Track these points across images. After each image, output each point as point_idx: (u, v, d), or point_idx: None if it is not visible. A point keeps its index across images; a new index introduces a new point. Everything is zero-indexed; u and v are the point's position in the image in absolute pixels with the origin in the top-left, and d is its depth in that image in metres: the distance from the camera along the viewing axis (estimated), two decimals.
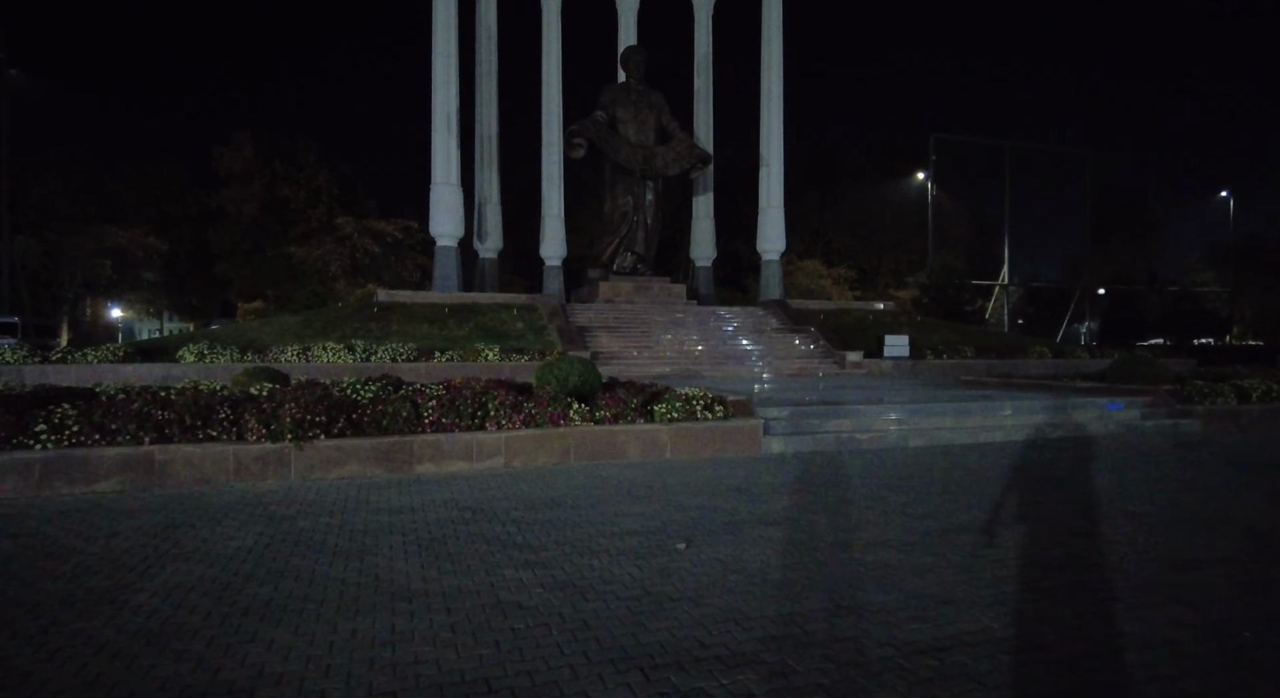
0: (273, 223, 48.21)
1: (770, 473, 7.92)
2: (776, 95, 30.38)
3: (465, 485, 7.23)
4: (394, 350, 16.68)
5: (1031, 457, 9.04)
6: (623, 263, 26.54)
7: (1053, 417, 11.19)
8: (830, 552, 4.91)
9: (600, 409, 8.88)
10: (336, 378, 10.90)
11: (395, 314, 20.15)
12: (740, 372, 19.64)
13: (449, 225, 25.76)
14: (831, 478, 7.62)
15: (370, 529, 5.53)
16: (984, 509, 6.18)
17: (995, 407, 11.21)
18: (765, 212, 30.75)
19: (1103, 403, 11.77)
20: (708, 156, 27.55)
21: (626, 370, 18.47)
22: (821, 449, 9.50)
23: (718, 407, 9.37)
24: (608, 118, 26.04)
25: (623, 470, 8.06)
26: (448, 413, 8.16)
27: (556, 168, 30.59)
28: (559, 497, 6.70)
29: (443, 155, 25.72)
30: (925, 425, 10.49)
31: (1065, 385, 14.05)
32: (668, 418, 9.03)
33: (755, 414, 9.73)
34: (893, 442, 9.89)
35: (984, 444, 10.08)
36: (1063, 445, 9.96)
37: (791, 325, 23.56)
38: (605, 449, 8.61)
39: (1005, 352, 23.35)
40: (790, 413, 10.19)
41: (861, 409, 10.57)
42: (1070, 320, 52.57)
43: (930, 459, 8.85)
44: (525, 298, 23.67)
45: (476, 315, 20.83)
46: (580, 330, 20.39)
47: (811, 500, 6.53)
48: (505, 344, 18.53)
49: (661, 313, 23.40)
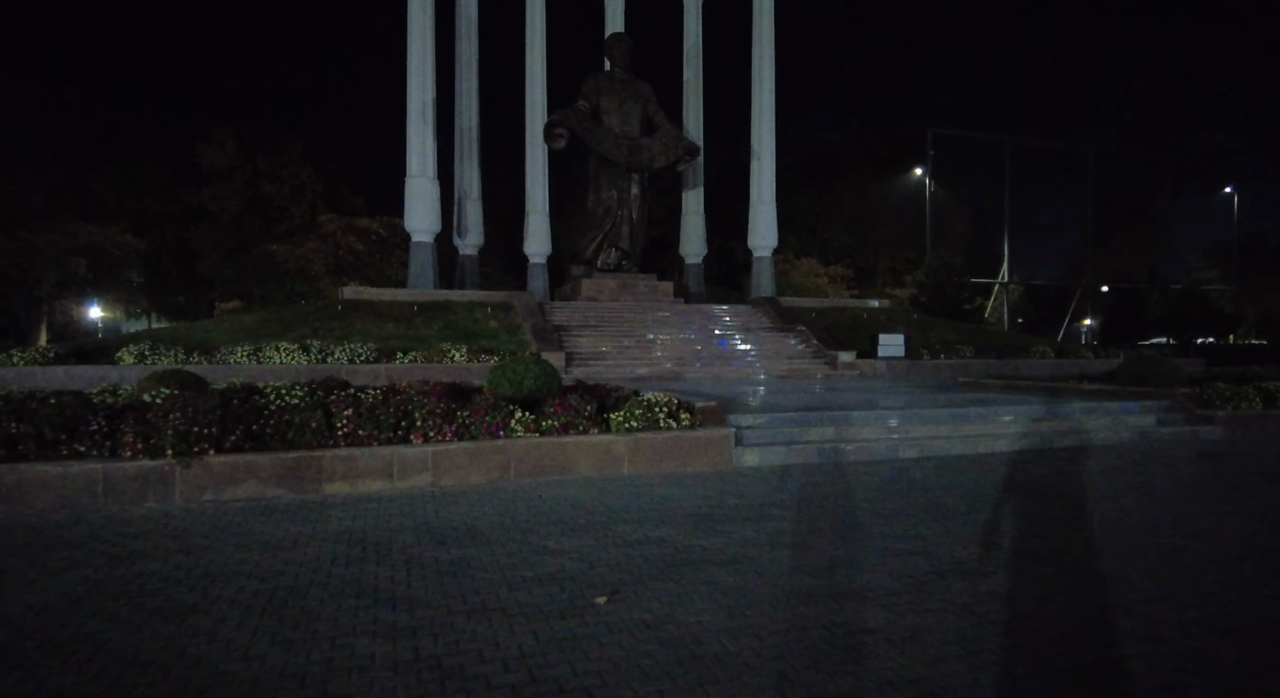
0: (256, 221, 47.08)
1: (737, 492, 6.85)
2: (768, 86, 29.30)
3: (375, 511, 6.16)
4: (352, 351, 15.60)
5: (1038, 472, 7.97)
6: (607, 259, 25.45)
7: (1060, 423, 10.13)
8: (791, 607, 3.84)
9: (548, 418, 7.81)
10: (281, 381, 9.83)
11: (360, 313, 19.07)
12: (725, 373, 18.58)
13: (424, 220, 24.68)
14: (808, 499, 6.55)
15: (224, 572, 4.46)
16: (984, 542, 5.11)
17: (996, 412, 10.14)
18: (756, 206, 29.68)
19: (1114, 408, 10.70)
20: (696, 148, 26.47)
21: (604, 372, 17.40)
22: (801, 461, 8.44)
23: (683, 414, 8.30)
24: (591, 107, 24.96)
25: (568, 490, 6.99)
26: (366, 424, 7.09)
27: (541, 162, 29.47)
28: (480, 526, 5.63)
29: (418, 147, 24.64)
30: (919, 434, 9.43)
31: (1071, 388, 12.99)
32: (625, 427, 7.96)
33: (726, 422, 8.66)
34: (882, 453, 8.81)
35: (984, 456, 9.01)
36: (1072, 456, 8.89)
37: (782, 324, 22.49)
38: (552, 464, 7.53)
39: (1006, 351, 22.29)
40: (768, 420, 9.12)
41: (848, 416, 9.50)
42: (1071, 319, 51.53)
43: (923, 474, 7.78)
44: (502, 296, 22.59)
45: (447, 314, 19.75)
46: (557, 330, 19.31)
47: (779, 530, 5.46)
48: (475, 344, 17.45)
49: (645, 311, 22.33)
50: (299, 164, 46.65)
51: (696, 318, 22.46)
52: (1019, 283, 52.67)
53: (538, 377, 9.52)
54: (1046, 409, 10.45)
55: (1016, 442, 9.48)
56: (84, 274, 38.36)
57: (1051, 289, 55.33)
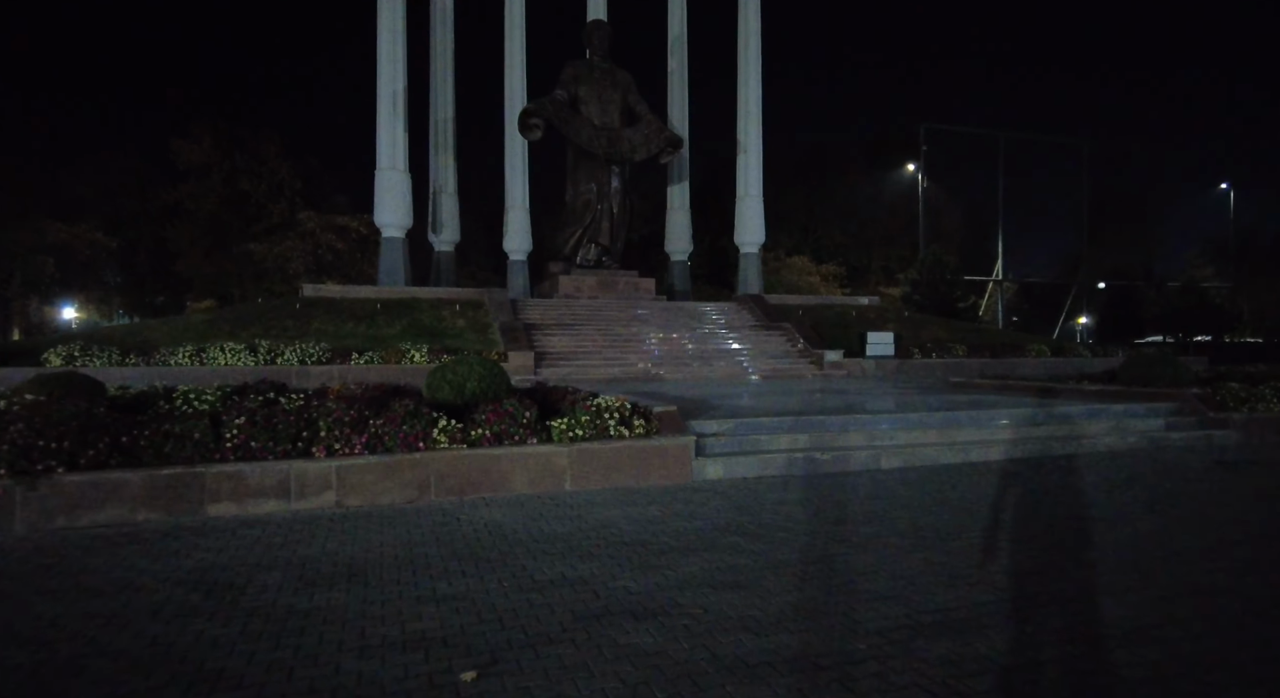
0: (234, 219, 45.94)
1: (691, 513, 5.89)
2: (754, 77, 28.37)
3: (253, 540, 5.17)
4: (304, 351, 14.59)
5: (1037, 484, 7.03)
6: (586, 255, 24.45)
7: (1059, 428, 9.20)
8: (718, 687, 2.87)
9: (479, 426, 6.84)
10: (213, 384, 8.84)
11: (320, 311, 18.05)
12: (705, 373, 17.62)
13: (395, 214, 23.66)
14: (771, 521, 5.59)
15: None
16: (975, 581, 4.16)
17: (990, 416, 9.20)
18: (743, 201, 28.74)
19: (1118, 410, 9.78)
20: (678, 140, 25.50)
21: (575, 374, 16.43)
22: (770, 473, 7.48)
23: (638, 421, 7.33)
24: (568, 97, 23.96)
25: (494, 511, 6.01)
26: (260, 434, 6.10)
27: (521, 155, 28.52)
28: (367, 561, 4.66)
29: (388, 138, 23.62)
30: (904, 441, 8.48)
31: (1071, 389, 12.08)
32: (569, 437, 6.99)
33: (687, 429, 7.70)
34: (861, 463, 7.86)
35: (976, 465, 8.07)
36: (1075, 466, 7.95)
37: (767, 322, 21.54)
38: (481, 480, 6.56)
39: (1000, 350, 21.40)
40: (736, 427, 8.16)
41: (826, 421, 8.55)
42: (1066, 317, 50.75)
43: (906, 489, 6.83)
44: (473, 293, 21.58)
45: (413, 312, 18.74)
46: (528, 328, 18.32)
47: (728, 565, 4.50)
48: (439, 344, 16.46)
49: (624, 309, 21.36)
50: (278, 161, 45.53)
51: (678, 316, 21.50)
52: (1013, 281, 51.88)
53: (482, 378, 8.59)
54: (1045, 412, 9.52)
55: (1012, 449, 8.54)
56: (52, 273, 37.16)
57: (1046, 287, 54.55)
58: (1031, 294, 55.51)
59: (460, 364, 8.78)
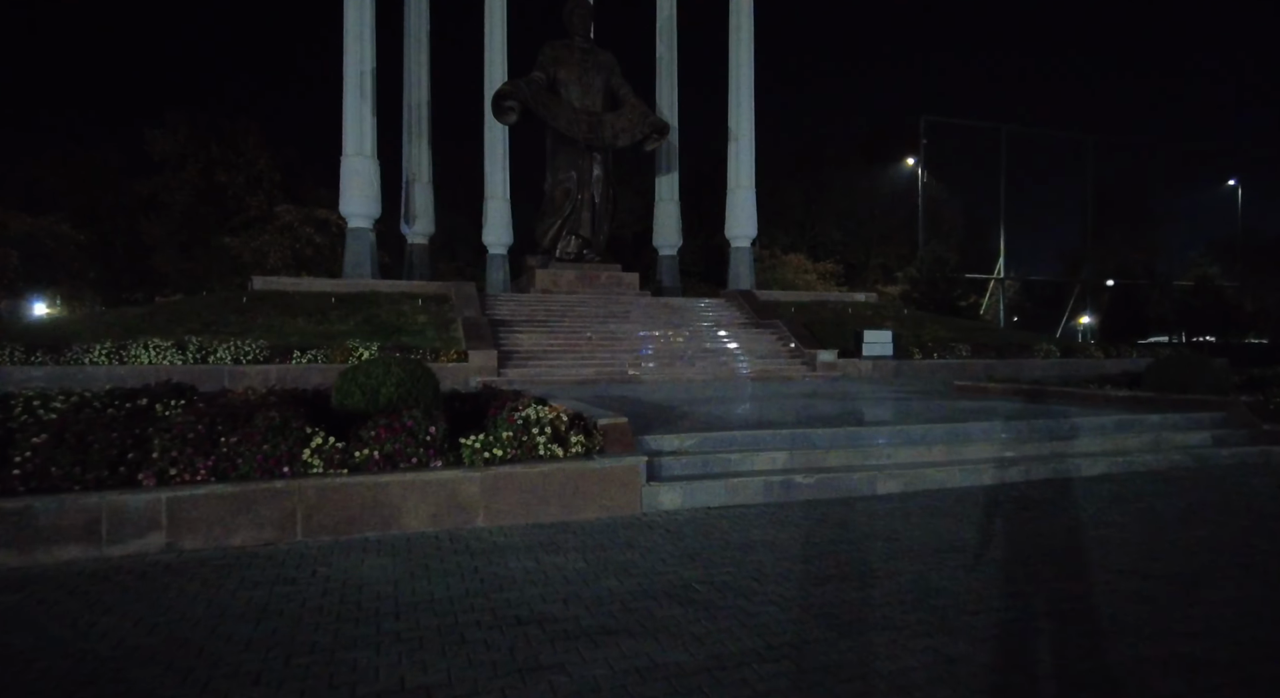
0: (211, 212, 44.43)
1: (626, 565, 4.47)
2: (746, 61, 26.93)
3: (6, 608, 3.75)
4: (239, 349, 13.15)
5: (1069, 519, 5.62)
6: (566, 248, 23.01)
7: (1088, 442, 7.80)
8: None
9: (366, 446, 5.41)
10: (130, 386, 7.39)
11: (269, 305, 16.60)
12: (686, 374, 16.20)
13: (361, 204, 22.19)
14: (728, 581, 4.18)
15: None
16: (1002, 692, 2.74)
17: (1003, 429, 7.80)
18: (734, 193, 27.30)
19: (1155, 421, 8.39)
20: (664, 126, 24.04)
21: (543, 374, 15.01)
22: (740, 502, 6.07)
23: (575, 436, 5.91)
24: (547, 79, 22.51)
25: (368, 562, 4.59)
26: (63, 457, 4.67)
27: (501, 142, 27.06)
28: (134, 647, 3.23)
29: (355, 123, 22.14)
30: (904, 459, 7.07)
31: (1092, 394, 10.68)
32: (483, 458, 5.56)
33: (638, 446, 6.28)
34: (853, 487, 6.45)
35: (991, 490, 6.66)
36: (1111, 493, 6.55)
37: (757, 320, 20.12)
38: (364, 515, 5.14)
39: (1006, 350, 19.99)
40: (703, 442, 6.74)
41: (811, 435, 7.14)
42: (1069, 316, 49.38)
43: (908, 526, 5.41)
44: (439, 287, 20.12)
45: (372, 307, 17.30)
46: (496, 325, 16.89)
47: (650, 667, 3.08)
48: (394, 341, 15.04)
49: (603, 305, 19.93)
50: (256, 152, 43.99)
51: (661, 313, 20.07)
52: (1015, 278, 50.50)
53: (401, 382, 7.16)
54: (1067, 424, 8.11)
55: (1033, 469, 7.13)
56: (15, 266, 35.63)
57: (1048, 285, 53.18)
58: (1033, 292, 54.14)
59: (375, 365, 7.36)
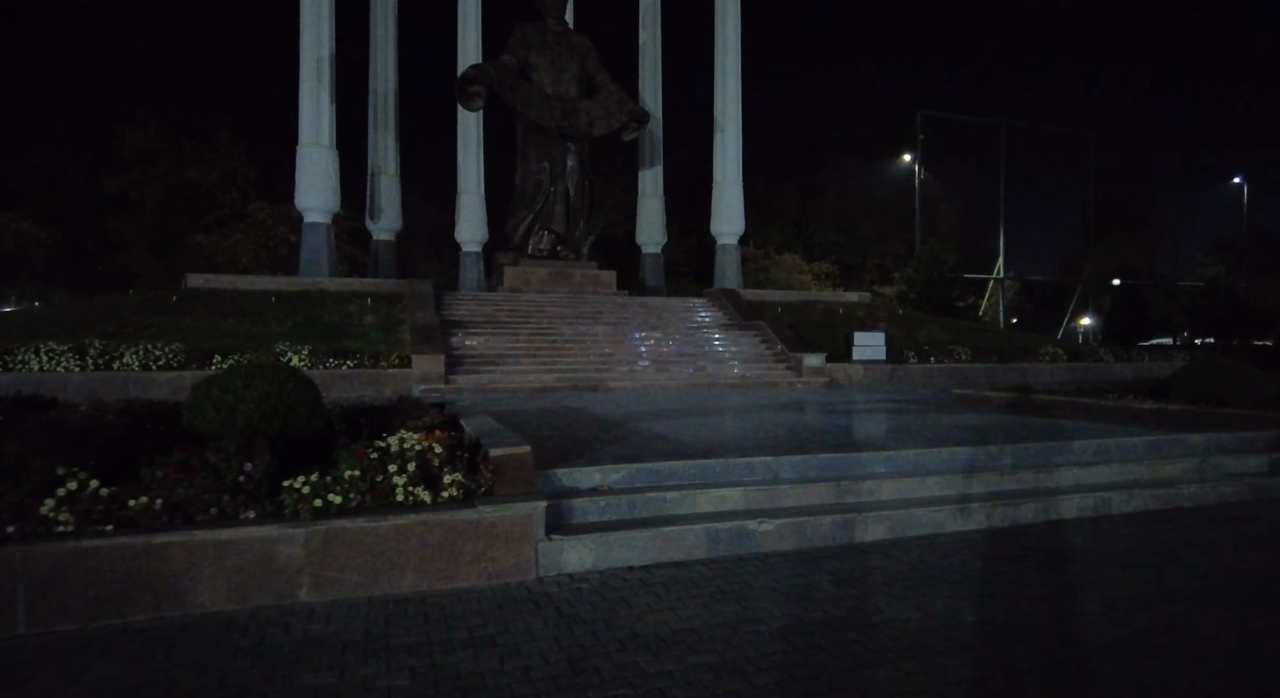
0: (184, 210, 42.97)
1: (468, 680, 2.99)
2: (733, 47, 25.50)
3: None
4: (149, 354, 11.67)
5: (1110, 585, 4.15)
6: (539, 244, 21.53)
7: (1117, 469, 6.35)
8: None
9: (148, 491, 3.94)
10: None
11: (200, 305, 15.12)
12: (658, 381, 14.73)
13: (318, 197, 20.72)
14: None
15: None
16: None
17: (1013, 453, 6.35)
18: (720, 187, 25.85)
19: (1196, 442, 6.94)
20: (644, 114, 22.58)
21: (498, 381, 13.55)
22: (672, 558, 4.62)
23: (450, 475, 4.44)
24: (517, 63, 21.05)
25: (90, 671, 3.11)
26: None
27: (475, 133, 25.59)
28: None
29: (312, 110, 20.68)
30: (891, 494, 5.61)
31: (1112, 406, 9.23)
32: (313, 506, 4.08)
33: (545, 485, 4.83)
34: (825, 535, 4.99)
35: (999, 536, 5.21)
36: (1157, 541, 5.09)
37: (740, 321, 18.66)
38: (132, 591, 3.66)
39: (1009, 353, 18.54)
40: (630, 476, 5.28)
41: (775, 464, 5.68)
42: (1070, 317, 47.99)
43: (890, 599, 3.94)
44: (394, 285, 18.64)
45: (315, 307, 15.83)
46: (451, 327, 15.42)
47: None
48: (332, 344, 13.57)
49: (574, 305, 18.46)
50: (229, 148, 42.55)
51: (636, 314, 18.60)
52: (1015, 279, 49.13)
53: (265, 397, 5.78)
54: (1093, 446, 6.66)
55: (1052, 505, 5.68)
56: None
57: (1049, 286, 51.80)
58: (1033, 293, 52.79)
59: (234, 376, 5.91)
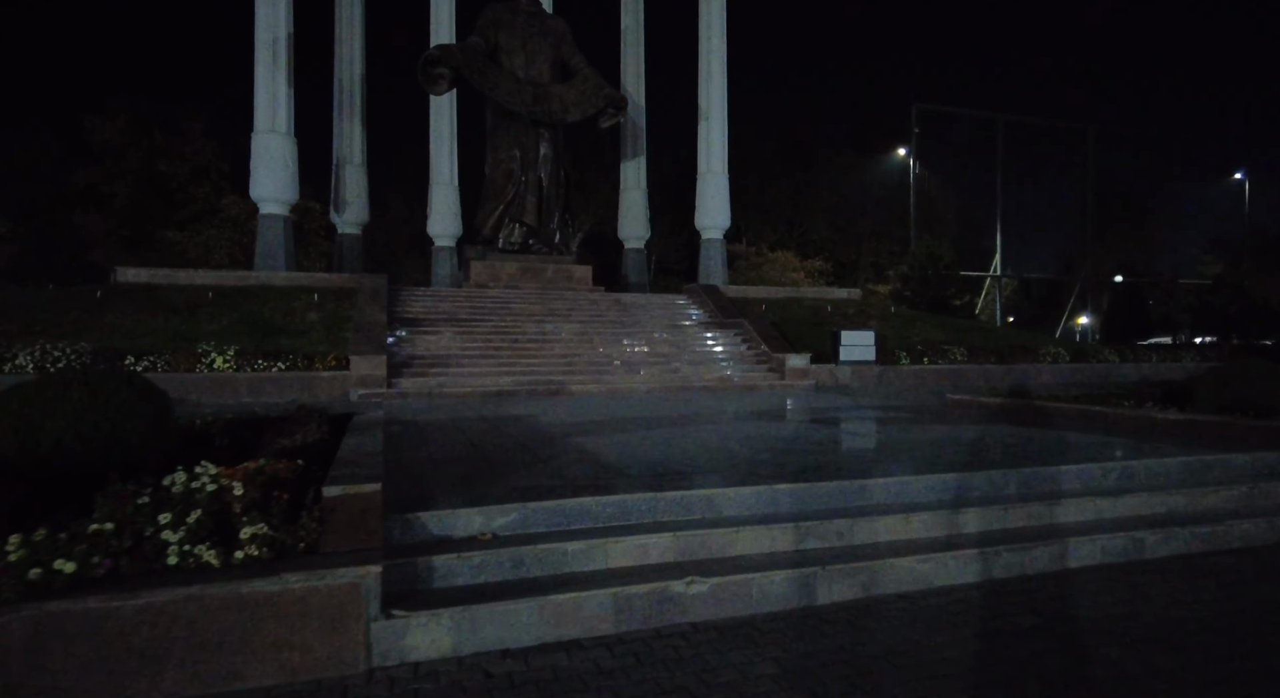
0: (157, 205, 41.62)
1: None
2: (718, 31, 24.28)
3: None
4: (47, 355, 10.41)
5: (1168, 676, 2.93)
6: (509, 237, 20.27)
7: (1147, 498, 5.16)
8: None
9: None
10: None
11: (128, 301, 13.87)
12: (627, 384, 13.52)
13: (274, 187, 19.47)
14: None
15: None
16: None
17: (1017, 479, 5.16)
18: (705, 178, 24.63)
19: (1243, 463, 5.76)
20: (621, 99, 21.35)
21: (448, 384, 12.34)
22: (566, 636, 3.41)
23: (250, 527, 3.21)
24: (486, 45, 19.80)
25: None
26: None
27: (448, 121, 24.35)
28: None
29: (267, 94, 19.41)
30: (863, 537, 4.41)
31: (1127, 414, 8.07)
32: (26, 579, 2.85)
33: (399, 534, 3.64)
34: (775, 597, 3.80)
35: (1006, 592, 4.02)
36: (1207, 593, 3.90)
37: (720, 319, 17.45)
38: None
39: (1008, 354, 17.35)
40: (521, 520, 4.06)
41: (719, 499, 4.47)
42: (1069, 315, 46.91)
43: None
44: (345, 280, 17.38)
45: (256, 303, 14.58)
46: (401, 325, 14.20)
47: None
48: (268, 344, 12.34)
49: (542, 302, 17.24)
50: (202, 140, 41.18)
51: (609, 311, 17.38)
52: (1012, 276, 48.03)
53: (81, 413, 4.92)
54: (1116, 470, 5.47)
55: (1069, 548, 4.49)
56: None
57: (1047, 284, 50.72)
58: (1030, 291, 51.70)
59: (43, 386, 4.80)
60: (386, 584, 3.41)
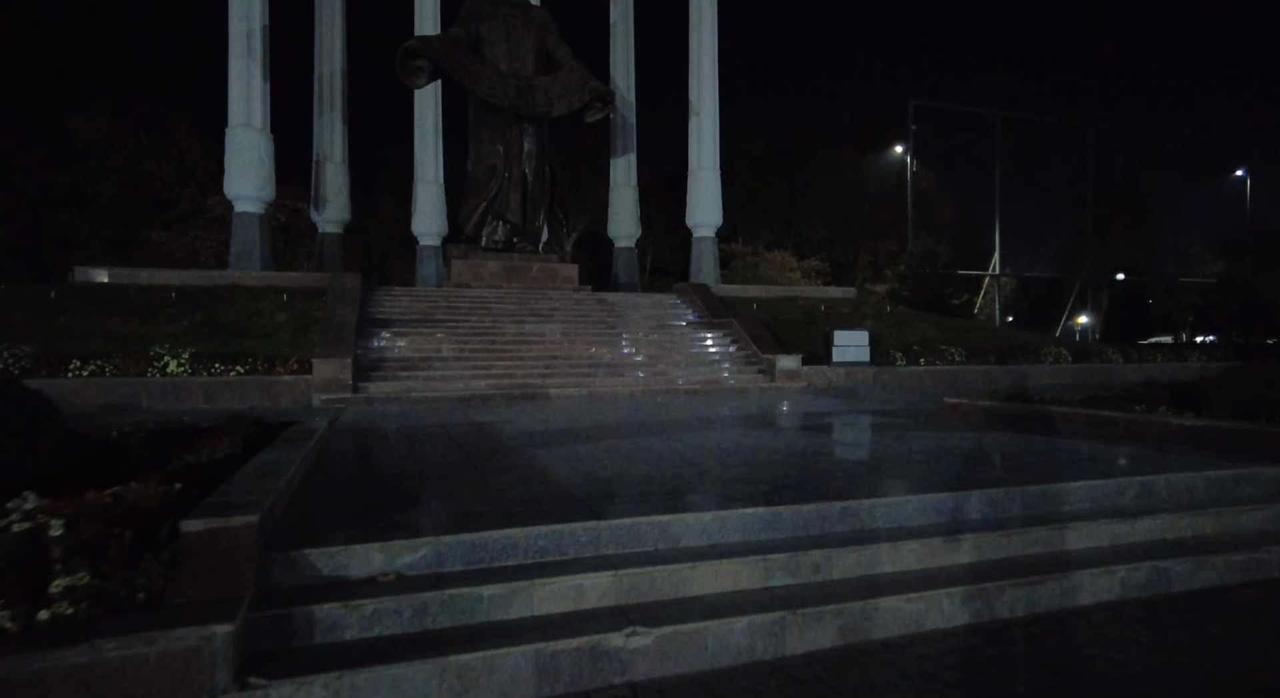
0: (143, 206, 40.95)
1: None
2: (709, 24, 23.66)
3: None
4: None
5: None
6: (492, 235, 19.64)
7: (1174, 520, 4.54)
8: None
9: None
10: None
11: (83, 302, 13.23)
12: (610, 387, 12.88)
13: (249, 185, 18.80)
14: None
15: None
16: None
17: (1026, 500, 4.53)
18: (696, 174, 24.00)
19: (1271, 476, 5.13)
20: (608, 92, 20.72)
21: (419, 388, 11.70)
22: None
23: (62, 579, 2.57)
24: (469, 37, 19.17)
25: None
26: None
27: (433, 118, 23.79)
28: None
29: (241, 88, 18.76)
30: (845, 571, 3.77)
31: (1139, 419, 7.43)
32: None
33: (283, 572, 2.99)
34: (734, 649, 3.16)
35: (1010, 637, 3.39)
36: (1258, 640, 3.25)
37: (709, 319, 16.81)
38: None
39: (1008, 354, 16.72)
40: (433, 556, 3.41)
41: (674, 527, 3.83)
42: (1069, 315, 46.31)
43: None
44: (317, 279, 16.73)
45: (221, 303, 13.94)
46: (373, 326, 13.56)
47: None
48: (230, 347, 11.70)
49: (524, 302, 16.60)
50: (188, 140, 40.52)
51: (593, 311, 16.74)
52: (1011, 275, 47.44)
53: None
54: (1134, 486, 4.85)
55: (1085, 583, 3.87)
56: None
57: (1046, 283, 50.13)
58: (1029, 290, 51.12)
59: None
60: (251, 643, 2.78)
